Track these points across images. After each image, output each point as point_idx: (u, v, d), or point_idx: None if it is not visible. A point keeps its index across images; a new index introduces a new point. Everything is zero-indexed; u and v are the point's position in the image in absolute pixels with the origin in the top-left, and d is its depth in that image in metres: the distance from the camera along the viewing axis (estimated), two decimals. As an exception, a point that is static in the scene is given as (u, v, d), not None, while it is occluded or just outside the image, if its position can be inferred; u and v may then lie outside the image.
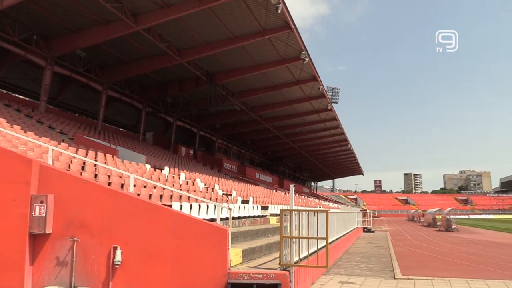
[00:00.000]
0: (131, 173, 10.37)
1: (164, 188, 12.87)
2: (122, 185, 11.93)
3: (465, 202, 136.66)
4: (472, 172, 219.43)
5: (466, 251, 18.96)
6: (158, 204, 8.14)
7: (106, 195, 7.58)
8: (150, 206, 7.67)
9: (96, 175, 12.07)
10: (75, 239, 7.31)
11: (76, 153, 13.31)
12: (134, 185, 11.12)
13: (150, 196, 12.23)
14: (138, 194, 10.69)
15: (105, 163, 14.67)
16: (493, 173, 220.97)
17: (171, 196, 13.42)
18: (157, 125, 36.88)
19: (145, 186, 12.84)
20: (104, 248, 7.28)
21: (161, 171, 18.94)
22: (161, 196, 12.96)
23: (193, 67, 26.38)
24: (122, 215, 7.47)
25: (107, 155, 16.39)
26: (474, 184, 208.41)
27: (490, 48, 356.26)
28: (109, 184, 11.48)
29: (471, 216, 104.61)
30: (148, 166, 18.41)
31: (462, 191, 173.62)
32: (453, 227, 38.15)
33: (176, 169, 21.95)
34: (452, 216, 42.12)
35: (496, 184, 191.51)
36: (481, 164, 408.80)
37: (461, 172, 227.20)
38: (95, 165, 12.71)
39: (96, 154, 15.57)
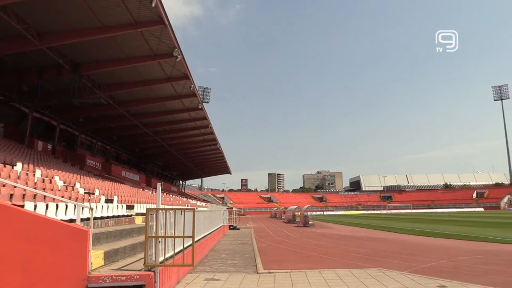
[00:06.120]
0: (-26, 169, 9.13)
1: (15, 187, 11.58)
2: (-38, 183, 10.43)
3: (321, 199, 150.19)
4: (327, 173, 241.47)
5: (320, 244, 20.90)
6: (7, 204, 7.30)
7: None
8: (-3, 207, 6.85)
9: None
10: None
11: None
12: (-22, 183, 9.82)
13: (-3, 195, 10.90)
14: (-18, 193, 9.47)
15: None
16: (344, 174, 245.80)
17: (24, 195, 12.14)
18: (10, 115, 32.67)
19: (-9, 184, 11.40)
20: None
21: (13, 167, 16.95)
22: (11, 195, 11.64)
23: (56, 55, 24.09)
24: (-39, 218, 6.54)
25: None
26: (329, 184, 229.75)
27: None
28: None
29: (325, 212, 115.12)
30: (-5, 161, 16.36)
31: (318, 190, 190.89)
32: (309, 223, 41.46)
33: (31, 166, 19.87)
34: (309, 213, 45.61)
35: (346, 183, 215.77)
36: (334, 165, 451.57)
37: (318, 173, 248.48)
38: None
39: None
